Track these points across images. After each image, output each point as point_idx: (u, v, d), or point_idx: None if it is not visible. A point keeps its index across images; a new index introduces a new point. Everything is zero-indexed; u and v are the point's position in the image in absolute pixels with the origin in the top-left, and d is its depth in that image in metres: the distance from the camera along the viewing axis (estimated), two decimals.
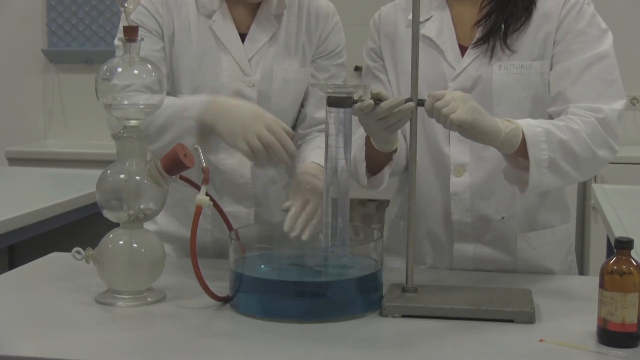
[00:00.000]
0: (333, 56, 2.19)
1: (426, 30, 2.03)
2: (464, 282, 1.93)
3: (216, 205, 1.86)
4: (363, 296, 1.72)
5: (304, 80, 2.16)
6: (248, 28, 2.12)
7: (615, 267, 1.53)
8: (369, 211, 4.40)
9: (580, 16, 1.97)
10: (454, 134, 1.95)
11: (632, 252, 1.56)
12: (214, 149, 2.06)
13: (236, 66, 2.09)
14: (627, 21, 4.58)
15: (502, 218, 2.03)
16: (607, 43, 1.98)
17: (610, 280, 1.53)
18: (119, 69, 1.78)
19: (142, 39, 1.79)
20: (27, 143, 4.87)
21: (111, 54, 1.91)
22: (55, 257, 2.17)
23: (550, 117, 1.96)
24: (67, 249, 1.90)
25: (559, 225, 2.10)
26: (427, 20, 2.05)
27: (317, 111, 2.18)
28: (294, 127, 2.20)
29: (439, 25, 2.04)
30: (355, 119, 1.78)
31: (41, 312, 1.76)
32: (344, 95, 1.72)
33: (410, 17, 2.02)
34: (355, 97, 1.74)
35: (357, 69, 4.22)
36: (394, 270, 1.93)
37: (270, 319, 1.67)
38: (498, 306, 1.69)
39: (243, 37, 2.11)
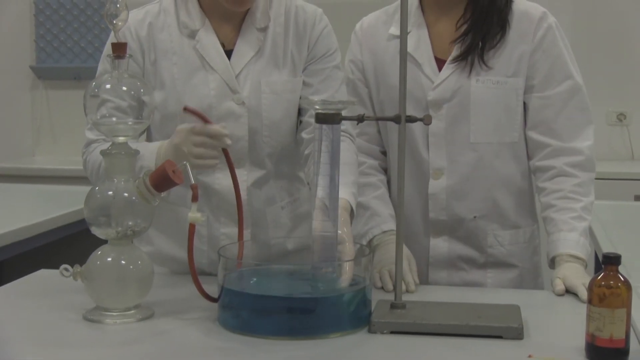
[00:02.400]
0: (325, 59, 2.16)
1: None
2: (452, 298, 1.93)
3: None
4: (352, 312, 1.71)
5: (296, 91, 2.14)
6: (234, 44, 2.11)
7: (603, 283, 1.54)
8: None
9: (554, 42, 2.15)
10: (433, 140, 2.16)
11: (620, 268, 1.56)
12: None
13: (224, 84, 2.08)
14: (613, 42, 4.62)
15: (474, 217, 2.17)
16: (577, 69, 2.18)
17: (598, 295, 1.53)
18: (108, 86, 1.78)
19: (130, 56, 1.79)
20: (15, 159, 4.86)
21: None
22: (43, 274, 2.16)
23: (531, 139, 2.17)
24: (55, 265, 1.89)
25: (528, 227, 2.24)
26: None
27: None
28: (297, 136, 2.18)
29: (417, 40, 2.17)
30: None
31: (29, 329, 1.75)
32: (332, 111, 1.72)
33: (391, 31, 2.21)
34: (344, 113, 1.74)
35: None
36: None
37: (259, 336, 1.66)
38: (486, 322, 1.69)
39: (229, 53, 2.10)
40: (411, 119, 1.75)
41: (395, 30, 2.19)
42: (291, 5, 2.15)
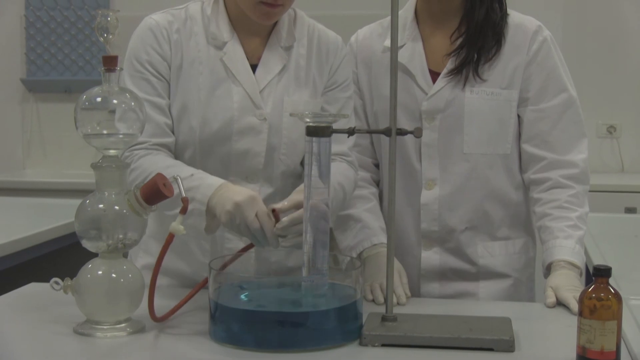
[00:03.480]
0: (343, 88, 2.17)
1: (399, 57, 2.16)
2: (443, 311, 1.93)
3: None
4: (343, 325, 1.71)
5: (317, 112, 2.13)
6: (259, 59, 2.10)
7: (593, 295, 1.54)
8: None
9: (549, 55, 2.17)
10: (425, 151, 2.16)
11: (611, 280, 1.56)
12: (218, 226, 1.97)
13: (247, 98, 2.06)
14: (603, 55, 4.64)
15: (465, 228, 2.18)
16: (572, 83, 2.20)
17: (589, 308, 1.53)
18: (98, 99, 1.78)
19: (121, 69, 1.79)
20: (6, 172, 4.85)
21: (90, 84, 1.91)
22: (33, 287, 2.15)
23: (525, 152, 2.19)
24: (45, 279, 1.89)
25: (519, 238, 2.25)
26: (401, 47, 2.19)
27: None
28: (302, 161, 2.17)
29: (411, 53, 2.19)
30: None
31: (19, 342, 1.74)
32: (323, 124, 1.72)
33: (386, 43, 2.22)
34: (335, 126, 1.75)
35: None
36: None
37: (250, 349, 1.66)
38: (478, 334, 1.69)
39: (253, 68, 2.09)
40: (402, 132, 1.76)
41: (390, 42, 2.19)
42: (314, 28, 2.16)
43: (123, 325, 1.78)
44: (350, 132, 1.76)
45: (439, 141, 2.16)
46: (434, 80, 2.17)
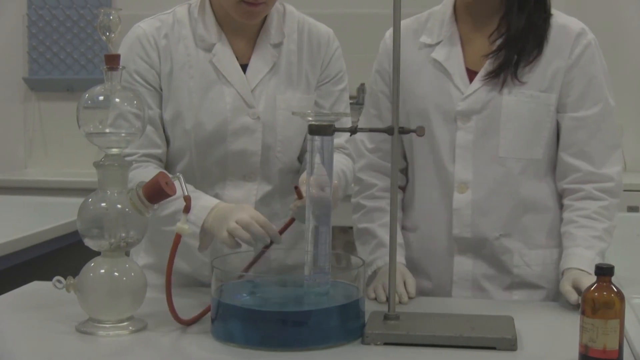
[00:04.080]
0: (336, 81, 2.17)
1: (436, 53, 2.12)
2: (446, 309, 1.93)
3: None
4: (345, 324, 1.71)
5: (309, 108, 2.14)
6: (248, 59, 2.10)
7: (596, 294, 1.54)
8: (351, 238, 4.40)
9: (592, 60, 2.09)
10: (459, 152, 2.08)
11: (613, 279, 1.56)
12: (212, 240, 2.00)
13: (239, 99, 2.07)
14: (606, 54, 4.63)
15: (499, 235, 2.10)
16: (612, 90, 2.13)
17: (591, 307, 1.53)
18: (101, 97, 1.78)
19: (123, 67, 1.79)
20: (8, 171, 4.85)
21: (93, 82, 1.91)
22: (35, 286, 2.16)
23: (562, 160, 2.11)
24: (47, 277, 1.89)
25: (555, 248, 2.13)
26: (437, 44, 2.13)
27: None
28: (299, 157, 2.19)
29: (448, 50, 2.12)
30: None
31: (21, 341, 1.75)
32: (325, 123, 1.73)
33: (422, 39, 2.15)
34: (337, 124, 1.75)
35: None
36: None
37: (252, 348, 1.66)
38: (480, 333, 1.69)
39: (244, 68, 2.10)
40: (404, 130, 1.75)
41: (426, 38, 2.15)
42: (304, 23, 2.16)
43: (125, 323, 1.79)
44: (352, 130, 1.76)
45: (474, 143, 2.09)
46: (470, 80, 2.10)
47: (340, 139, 2.13)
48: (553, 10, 2.11)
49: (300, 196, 1.87)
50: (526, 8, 2.07)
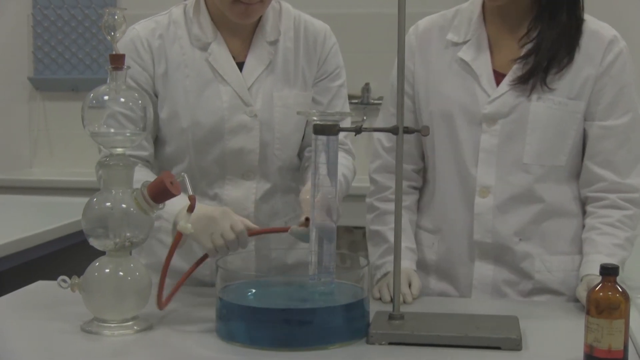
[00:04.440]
0: (333, 77, 2.17)
1: (462, 53, 2.09)
2: (451, 309, 1.93)
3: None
4: (350, 324, 1.71)
5: (306, 105, 2.14)
6: (245, 57, 2.11)
7: (601, 294, 1.54)
8: (355, 238, 4.40)
9: (624, 68, 2.05)
10: (482, 157, 2.05)
11: (618, 279, 1.56)
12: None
13: (236, 97, 2.08)
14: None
15: (520, 240, 2.07)
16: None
17: (596, 306, 1.53)
18: (106, 97, 1.79)
19: (129, 67, 1.80)
20: (13, 171, 4.85)
21: (98, 82, 1.91)
22: (40, 285, 2.16)
23: (587, 168, 2.07)
24: (52, 277, 1.89)
25: (578, 254, 2.09)
26: (464, 43, 2.10)
27: None
28: (299, 153, 2.19)
29: (476, 50, 2.09)
30: None
31: (26, 341, 1.75)
32: (330, 122, 1.73)
33: (448, 36, 2.12)
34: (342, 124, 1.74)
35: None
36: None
37: (257, 347, 1.66)
38: (485, 333, 1.69)
39: (240, 66, 2.10)
40: (409, 130, 1.75)
41: (453, 36, 2.12)
42: (300, 19, 2.16)
43: (130, 323, 1.79)
44: (357, 130, 1.76)
45: (499, 147, 2.05)
46: (497, 83, 2.06)
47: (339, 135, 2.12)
48: (585, 16, 2.07)
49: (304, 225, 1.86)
50: (559, 14, 2.03)
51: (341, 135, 2.09)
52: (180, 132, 2.07)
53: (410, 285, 2.04)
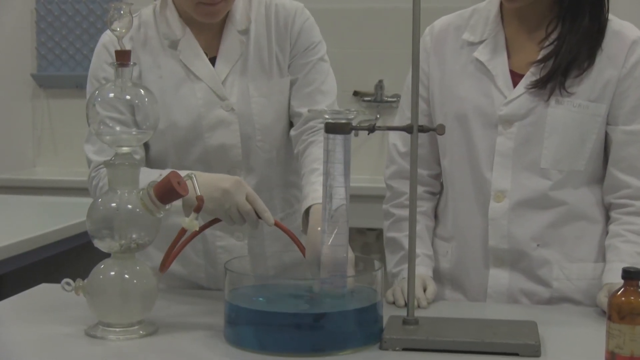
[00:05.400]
0: (308, 52, 2.15)
1: (478, 53, 2.08)
2: (466, 314, 1.92)
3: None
4: (362, 328, 1.71)
5: (284, 92, 2.14)
6: (217, 50, 2.12)
7: (623, 299, 1.53)
8: (368, 240, 4.40)
9: None
10: (498, 160, 2.04)
11: None
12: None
13: (211, 93, 2.09)
14: None
15: (537, 245, 2.05)
16: None
17: (618, 312, 1.53)
18: (111, 95, 1.79)
19: (134, 64, 1.80)
20: (16, 170, 4.86)
21: None
22: (44, 288, 2.16)
23: (611, 174, 2.05)
24: (56, 280, 1.90)
25: (599, 262, 2.08)
26: (481, 43, 2.09)
27: (301, 106, 2.14)
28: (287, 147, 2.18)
29: (492, 50, 2.07)
30: None
31: (29, 345, 1.75)
32: (342, 120, 1.72)
33: (464, 36, 2.10)
34: (355, 122, 1.74)
35: (356, 93, 4.23)
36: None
37: (266, 353, 1.66)
38: (502, 339, 1.68)
39: (214, 60, 2.11)
40: (424, 129, 1.75)
41: (469, 36, 2.10)
42: (271, 3, 2.16)
43: (136, 327, 1.79)
44: (371, 129, 1.75)
45: (514, 151, 2.03)
46: (515, 84, 2.05)
47: (321, 105, 2.11)
48: (610, 16, 2.04)
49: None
50: (580, 17, 2.00)
51: (323, 105, 2.09)
52: (159, 133, 2.06)
53: (425, 290, 2.03)
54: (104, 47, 2.11)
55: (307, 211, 1.94)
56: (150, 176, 1.88)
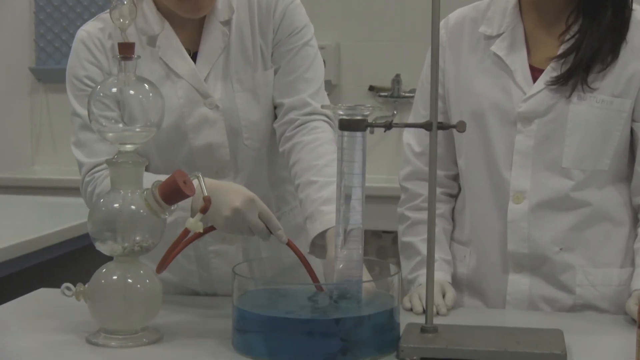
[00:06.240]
0: (291, 38, 2.11)
1: (496, 47, 2.07)
2: (489, 322, 1.92)
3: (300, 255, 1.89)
4: (378, 336, 1.71)
5: (269, 84, 2.12)
6: (199, 45, 2.10)
7: None
8: (384, 244, 4.40)
9: None
10: (517, 159, 2.03)
11: None
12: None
13: (192, 90, 2.07)
14: None
15: (560, 249, 2.04)
16: None
17: None
18: (114, 89, 1.79)
19: (139, 57, 1.80)
20: (13, 169, 4.88)
21: (105, 73, 1.92)
22: (43, 293, 2.17)
23: (638, 173, 2.04)
24: (56, 284, 1.90)
25: (626, 267, 2.07)
26: (498, 36, 2.08)
27: (282, 97, 2.12)
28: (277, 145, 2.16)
29: (510, 44, 2.07)
30: None
31: (27, 352, 1.76)
32: (357, 117, 1.72)
33: (481, 29, 2.10)
34: (370, 119, 1.74)
35: (372, 88, 4.21)
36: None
37: None
38: (526, 348, 1.68)
39: (196, 55, 2.10)
40: (443, 126, 1.74)
41: (486, 29, 2.09)
42: None
43: (139, 334, 1.79)
44: (387, 126, 1.75)
45: (534, 149, 2.02)
46: (534, 79, 2.04)
47: (303, 94, 2.10)
48: (635, 5, 2.02)
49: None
50: (603, 10, 1.99)
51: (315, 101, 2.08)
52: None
53: (444, 296, 2.03)
54: (81, 43, 2.08)
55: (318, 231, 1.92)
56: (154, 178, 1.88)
